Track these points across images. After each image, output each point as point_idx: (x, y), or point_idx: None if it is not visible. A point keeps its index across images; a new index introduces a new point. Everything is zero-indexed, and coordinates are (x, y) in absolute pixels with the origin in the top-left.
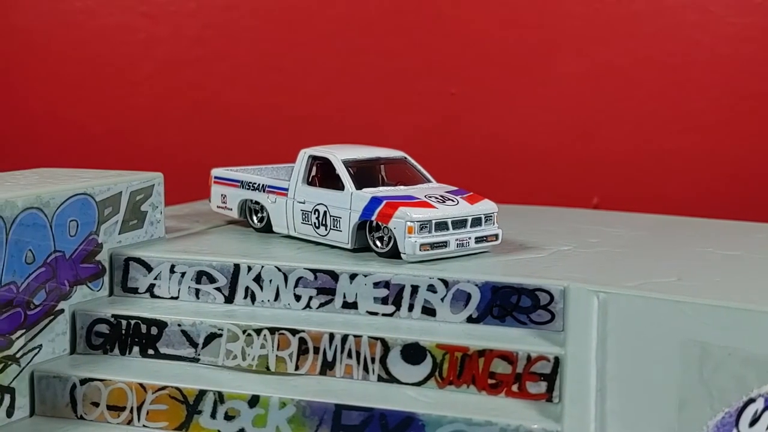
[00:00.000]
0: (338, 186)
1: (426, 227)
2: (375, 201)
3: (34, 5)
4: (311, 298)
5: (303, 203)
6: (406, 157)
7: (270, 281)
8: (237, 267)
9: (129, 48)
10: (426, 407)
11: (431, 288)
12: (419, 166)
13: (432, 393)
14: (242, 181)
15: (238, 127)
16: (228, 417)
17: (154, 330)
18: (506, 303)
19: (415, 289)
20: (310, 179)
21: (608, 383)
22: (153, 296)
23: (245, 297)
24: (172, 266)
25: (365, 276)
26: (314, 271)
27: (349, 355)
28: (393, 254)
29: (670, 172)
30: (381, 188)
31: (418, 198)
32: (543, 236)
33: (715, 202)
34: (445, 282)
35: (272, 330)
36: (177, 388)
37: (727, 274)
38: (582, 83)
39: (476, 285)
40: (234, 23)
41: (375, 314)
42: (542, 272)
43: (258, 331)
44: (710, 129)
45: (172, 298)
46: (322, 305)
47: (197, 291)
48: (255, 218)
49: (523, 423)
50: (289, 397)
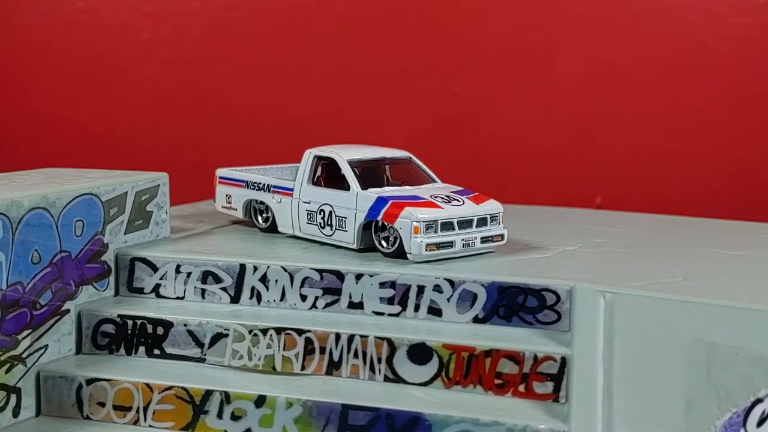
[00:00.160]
0: (344, 186)
1: (432, 227)
2: (381, 201)
3: (37, 5)
4: (317, 298)
5: (308, 203)
6: (411, 157)
7: (276, 281)
8: (243, 267)
9: (131, 48)
10: (432, 407)
11: (437, 288)
12: (424, 166)
13: (438, 393)
14: (247, 182)
15: (240, 127)
16: (234, 417)
17: (160, 330)
18: (512, 303)
19: (421, 289)
20: (316, 179)
21: (615, 383)
22: (159, 296)
23: (251, 297)
24: (178, 266)
25: (371, 276)
26: (320, 271)
27: (356, 355)
28: (399, 254)
29: (671, 172)
30: (386, 188)
31: (424, 198)
32: (547, 236)
33: (716, 202)
34: (451, 282)
35: (278, 330)
36: (183, 388)
37: (733, 274)
38: (583, 83)
39: (482, 285)
40: (235, 23)
41: (381, 314)
42: (548, 272)
43: (264, 331)
44: (710, 129)
45: (178, 298)
46: (328, 305)
47: (203, 291)
48: (260, 218)
49: (530, 423)
50: (296, 397)
